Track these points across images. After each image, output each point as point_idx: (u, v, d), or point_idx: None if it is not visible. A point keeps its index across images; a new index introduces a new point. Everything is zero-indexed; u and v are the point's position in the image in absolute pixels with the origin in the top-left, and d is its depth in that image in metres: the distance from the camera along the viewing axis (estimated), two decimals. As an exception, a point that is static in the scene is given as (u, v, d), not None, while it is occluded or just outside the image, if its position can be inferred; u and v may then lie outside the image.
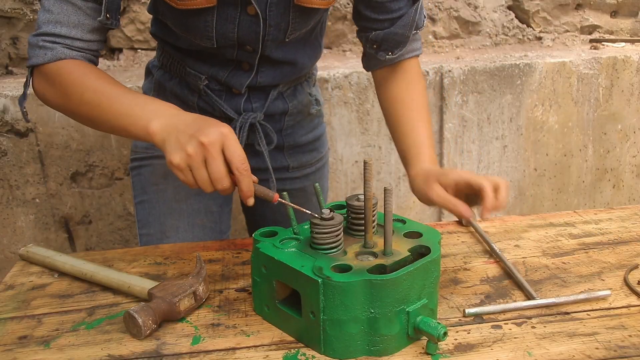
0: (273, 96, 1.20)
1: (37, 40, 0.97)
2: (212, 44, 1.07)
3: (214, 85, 1.17)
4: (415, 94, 1.17)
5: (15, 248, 2.05)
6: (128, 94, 0.93)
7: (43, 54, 0.97)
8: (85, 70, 0.97)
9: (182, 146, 0.83)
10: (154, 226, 1.24)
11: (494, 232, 1.12)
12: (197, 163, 0.82)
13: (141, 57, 2.28)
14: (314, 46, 1.22)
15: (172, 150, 0.84)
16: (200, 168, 0.82)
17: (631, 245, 1.05)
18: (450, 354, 0.76)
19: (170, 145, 0.84)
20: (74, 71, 0.96)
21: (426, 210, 2.30)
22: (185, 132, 0.84)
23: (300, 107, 1.27)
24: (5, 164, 1.95)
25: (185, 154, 0.82)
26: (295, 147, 1.32)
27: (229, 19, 1.04)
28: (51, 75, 0.97)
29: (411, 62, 1.19)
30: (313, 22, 1.12)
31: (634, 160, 2.42)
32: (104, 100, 0.92)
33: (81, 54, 0.99)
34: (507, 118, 2.23)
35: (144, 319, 0.80)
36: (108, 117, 0.92)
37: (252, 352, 0.78)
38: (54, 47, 0.96)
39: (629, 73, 2.28)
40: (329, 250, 0.81)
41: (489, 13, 2.50)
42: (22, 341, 0.83)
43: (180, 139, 0.83)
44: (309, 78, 1.30)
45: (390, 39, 1.13)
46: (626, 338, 0.79)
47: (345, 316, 0.74)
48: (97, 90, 0.94)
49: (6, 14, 2.08)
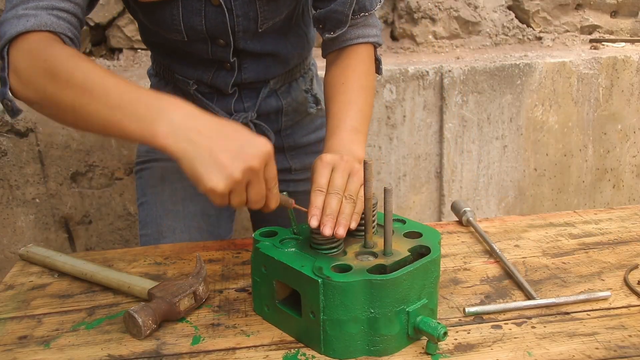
0: (264, 94, 1.18)
1: (15, 12, 0.83)
2: (182, 37, 1.04)
3: (203, 88, 1.16)
4: (351, 75, 1.07)
5: (15, 248, 2.05)
6: (128, 83, 0.79)
7: (25, 22, 0.82)
8: (78, 53, 0.84)
9: (225, 171, 0.72)
10: (152, 227, 1.24)
11: (494, 232, 1.12)
12: (241, 188, 0.74)
13: (141, 57, 2.28)
14: (298, 35, 1.17)
15: (213, 175, 0.72)
16: (242, 192, 0.75)
17: (631, 245, 1.05)
18: (450, 354, 0.76)
19: (207, 167, 0.72)
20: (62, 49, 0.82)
21: (426, 210, 2.30)
22: (224, 150, 0.73)
23: (295, 105, 1.25)
24: (5, 164, 1.95)
25: (231, 181, 0.72)
26: (297, 148, 1.30)
27: (194, 11, 1.01)
28: (37, 48, 0.82)
29: (359, 48, 1.10)
30: (287, 10, 1.08)
31: (634, 160, 2.42)
32: (96, 85, 0.77)
33: (68, 25, 0.85)
34: (507, 118, 2.23)
35: (144, 319, 0.80)
36: (99, 106, 0.77)
37: (252, 352, 0.78)
38: (37, 14, 0.83)
39: (629, 73, 2.28)
40: (329, 250, 0.81)
41: (489, 13, 2.50)
42: (22, 341, 0.83)
43: (221, 159, 0.72)
44: (305, 74, 1.26)
45: (330, 17, 1.07)
46: (626, 338, 0.79)
47: (345, 316, 0.74)
48: (90, 72, 0.78)
49: (6, 14, 2.08)
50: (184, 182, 1.21)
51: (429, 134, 2.20)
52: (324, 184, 0.84)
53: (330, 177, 0.84)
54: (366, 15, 1.09)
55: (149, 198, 1.25)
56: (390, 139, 2.16)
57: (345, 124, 1.00)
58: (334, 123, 1.02)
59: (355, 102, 1.04)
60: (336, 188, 0.83)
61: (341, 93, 1.05)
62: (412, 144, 2.19)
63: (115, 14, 2.21)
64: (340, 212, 0.81)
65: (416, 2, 2.41)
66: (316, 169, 0.86)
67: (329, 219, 0.79)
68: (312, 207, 0.81)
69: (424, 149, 2.21)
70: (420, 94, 2.14)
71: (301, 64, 1.25)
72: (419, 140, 2.20)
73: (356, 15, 1.08)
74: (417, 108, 2.15)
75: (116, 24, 2.23)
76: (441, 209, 2.30)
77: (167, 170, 1.23)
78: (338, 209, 0.81)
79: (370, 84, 1.10)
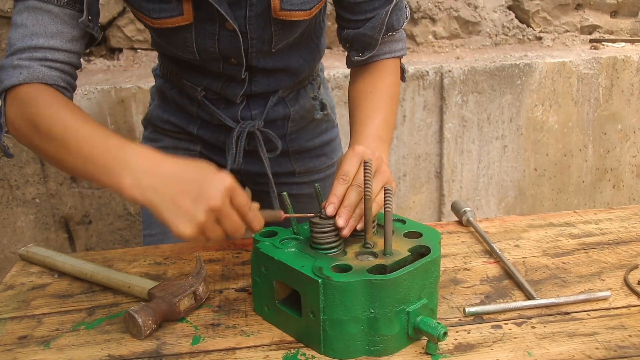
0: (272, 102, 1.17)
1: (11, 61, 0.88)
2: (194, 57, 1.04)
3: (211, 95, 1.15)
4: (379, 85, 1.09)
5: (15, 248, 2.05)
6: (99, 134, 0.82)
7: (18, 74, 0.87)
8: (61, 102, 0.88)
9: (189, 216, 0.75)
10: (156, 227, 1.24)
11: (494, 232, 1.12)
12: (210, 226, 0.77)
13: (141, 57, 2.28)
14: (310, 47, 1.18)
15: (178, 221, 0.76)
16: (214, 229, 0.77)
17: (631, 245, 1.05)
18: (450, 354, 0.76)
19: (172, 214, 0.76)
20: (48, 101, 0.87)
21: (426, 210, 2.30)
22: (184, 195, 0.76)
23: (303, 112, 1.23)
24: (5, 164, 1.95)
25: (196, 224, 0.75)
26: (302, 152, 1.28)
27: (208, 35, 1.01)
28: (24, 101, 0.87)
29: (386, 62, 1.12)
30: (300, 30, 1.08)
31: (634, 160, 2.42)
32: (71, 139, 0.82)
33: (60, 75, 0.90)
34: (507, 118, 2.23)
35: (144, 319, 0.80)
36: (75, 160, 0.82)
37: (252, 352, 0.78)
38: (30, 65, 0.87)
39: (629, 73, 2.28)
40: (329, 250, 0.81)
41: (489, 13, 2.50)
42: (22, 341, 0.83)
43: (183, 205, 0.75)
44: (313, 81, 1.26)
45: (359, 40, 1.08)
46: (626, 338, 0.79)
47: (345, 316, 0.74)
48: (66, 126, 0.83)
49: (6, 14, 2.08)
50: None
51: (429, 134, 2.20)
52: (350, 173, 0.85)
53: (357, 169, 0.85)
54: (394, 34, 1.10)
55: None
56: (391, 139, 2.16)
57: (371, 130, 1.01)
58: (359, 129, 1.02)
59: (381, 110, 1.05)
60: (360, 181, 0.83)
61: (368, 100, 1.06)
62: (412, 144, 2.19)
63: (115, 14, 2.21)
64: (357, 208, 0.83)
65: (416, 2, 2.41)
66: (346, 156, 0.87)
67: (346, 210, 0.82)
68: (332, 195, 0.82)
69: (424, 149, 2.21)
70: (420, 94, 2.14)
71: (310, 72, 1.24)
72: (419, 140, 2.20)
73: (384, 36, 1.08)
74: (417, 108, 2.16)
75: (116, 24, 2.23)
76: (441, 209, 2.30)
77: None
78: (357, 204, 0.83)
79: (396, 94, 1.11)
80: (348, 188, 0.84)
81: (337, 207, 0.82)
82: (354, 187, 0.83)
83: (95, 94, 1.93)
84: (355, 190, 0.83)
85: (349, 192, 0.83)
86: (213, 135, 1.21)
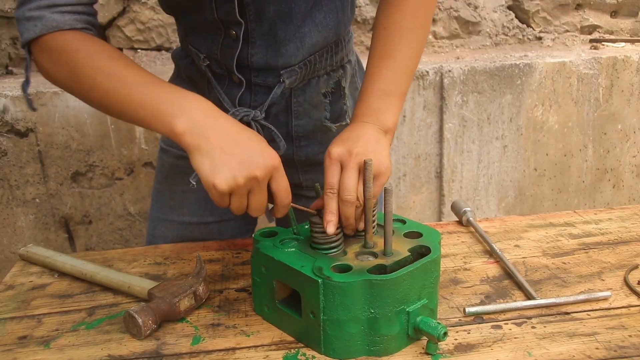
0: (277, 93, 1.03)
1: (22, 12, 0.84)
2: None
3: (215, 66, 1.05)
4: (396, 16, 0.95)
5: (15, 248, 2.05)
6: (147, 80, 0.82)
7: (33, 26, 0.84)
8: (95, 47, 0.85)
9: (230, 172, 0.75)
10: (150, 226, 1.24)
11: (494, 232, 1.12)
12: (242, 193, 0.77)
13: (141, 57, 2.28)
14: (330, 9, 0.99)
15: (218, 172, 0.75)
16: (242, 198, 0.77)
17: (631, 245, 1.05)
18: (450, 354, 0.76)
19: (215, 164, 0.75)
20: (81, 48, 0.84)
21: (426, 210, 2.30)
22: (233, 154, 0.76)
23: (307, 107, 1.08)
24: (5, 164, 1.95)
25: (232, 184, 0.75)
26: (311, 164, 1.15)
27: None
28: (55, 52, 0.84)
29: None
30: None
31: (634, 160, 2.42)
32: (120, 87, 0.81)
33: (74, 17, 0.85)
34: (507, 118, 2.23)
35: (144, 319, 0.80)
36: (125, 107, 0.81)
37: (252, 352, 0.78)
38: (42, 15, 0.83)
39: (629, 73, 2.28)
40: (329, 250, 0.81)
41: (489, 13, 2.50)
42: (22, 341, 0.83)
43: (229, 162, 0.75)
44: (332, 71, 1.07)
45: None
46: (626, 338, 0.79)
47: (345, 316, 0.74)
48: (111, 75, 0.82)
49: (6, 14, 2.08)
50: (184, 186, 1.19)
51: (429, 134, 2.20)
52: (335, 184, 0.84)
53: (340, 177, 0.84)
54: None
55: (154, 193, 1.24)
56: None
57: (375, 86, 0.93)
58: (365, 82, 0.95)
59: (392, 55, 0.93)
60: (348, 191, 0.82)
61: (380, 42, 0.95)
62: (412, 144, 2.19)
63: (115, 14, 2.21)
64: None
65: (416, 2, 2.41)
66: (325, 166, 0.86)
67: (348, 224, 0.84)
68: (327, 213, 0.82)
69: (424, 149, 2.21)
70: (420, 94, 2.14)
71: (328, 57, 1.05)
72: (419, 140, 2.20)
73: None
74: (417, 108, 2.16)
75: (116, 24, 2.23)
76: (441, 209, 2.30)
77: (173, 169, 1.20)
78: (354, 214, 0.83)
79: (417, 26, 0.95)
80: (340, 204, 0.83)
81: (336, 223, 0.81)
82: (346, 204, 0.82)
83: (95, 94, 1.93)
84: (348, 206, 0.82)
85: (343, 209, 0.82)
86: None
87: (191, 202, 1.20)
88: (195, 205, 1.20)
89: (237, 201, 0.78)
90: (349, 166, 0.84)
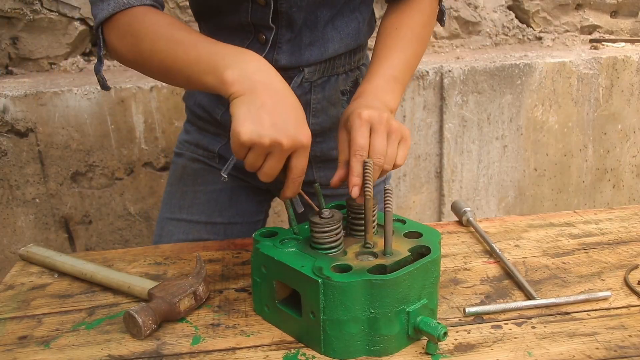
0: (296, 83, 1.07)
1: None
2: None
3: None
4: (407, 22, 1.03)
5: (15, 248, 2.05)
6: (204, 40, 0.85)
7: (107, 6, 0.89)
8: (157, 18, 0.89)
9: (260, 129, 0.75)
10: (157, 227, 1.25)
11: (494, 232, 1.12)
12: (260, 152, 0.76)
13: (141, 57, 2.28)
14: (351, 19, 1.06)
15: (248, 122, 0.75)
16: (259, 157, 0.77)
17: (631, 245, 1.05)
18: (450, 354, 0.76)
19: (249, 114, 0.75)
20: (144, 20, 0.88)
21: (426, 210, 2.30)
22: (270, 114, 0.76)
23: (326, 104, 1.11)
24: (5, 164, 1.95)
25: (258, 139, 0.75)
26: (325, 160, 1.17)
27: None
28: (121, 28, 0.90)
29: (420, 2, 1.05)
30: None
31: (634, 160, 2.42)
32: (177, 48, 0.84)
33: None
34: (507, 118, 2.23)
35: (144, 319, 0.80)
36: (182, 65, 0.83)
37: (252, 352, 0.78)
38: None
39: (629, 73, 2.28)
40: (329, 250, 0.81)
41: (489, 13, 2.50)
42: (22, 341, 0.83)
43: (263, 119, 0.75)
44: (349, 71, 1.13)
45: None
46: (626, 338, 0.79)
47: (345, 316, 0.74)
48: (170, 39, 0.85)
49: (6, 14, 2.08)
50: (196, 186, 1.21)
51: (429, 134, 2.20)
52: (365, 146, 0.83)
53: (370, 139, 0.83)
54: None
55: (165, 196, 1.25)
56: (390, 139, 2.16)
57: (385, 70, 0.97)
58: (374, 67, 0.98)
59: (403, 50, 1.00)
60: (377, 153, 0.82)
61: (391, 38, 1.01)
62: (412, 144, 2.20)
63: (115, 14, 2.21)
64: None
65: (416, 2, 2.41)
66: (354, 126, 0.84)
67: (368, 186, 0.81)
68: (353, 176, 0.81)
69: (424, 149, 2.21)
70: (420, 94, 2.14)
71: (347, 56, 1.11)
72: (419, 140, 2.20)
73: None
74: (417, 108, 2.16)
75: (116, 24, 2.23)
76: (441, 209, 2.30)
77: (186, 170, 1.21)
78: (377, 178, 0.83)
79: (425, 36, 1.05)
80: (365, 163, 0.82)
81: (360, 187, 0.81)
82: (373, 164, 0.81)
83: (95, 94, 1.93)
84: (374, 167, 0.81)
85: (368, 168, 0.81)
86: None
87: (201, 202, 1.21)
88: (205, 206, 1.21)
89: (253, 158, 0.77)
90: (379, 130, 0.84)
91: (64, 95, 1.91)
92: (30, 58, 2.19)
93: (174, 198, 1.23)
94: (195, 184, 1.21)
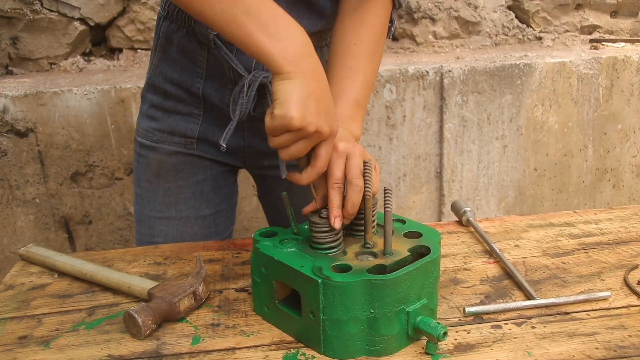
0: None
1: None
2: None
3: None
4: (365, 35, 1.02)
5: (15, 248, 2.05)
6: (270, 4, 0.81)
7: None
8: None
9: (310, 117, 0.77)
10: (145, 227, 1.23)
11: (494, 232, 1.12)
12: (299, 136, 0.78)
13: (141, 57, 2.28)
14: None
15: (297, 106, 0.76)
16: (293, 139, 0.79)
17: (631, 245, 1.05)
18: (450, 354, 0.76)
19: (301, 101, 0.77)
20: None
21: (426, 210, 2.30)
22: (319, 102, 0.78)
23: None
24: (5, 164, 1.95)
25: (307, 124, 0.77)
26: None
27: None
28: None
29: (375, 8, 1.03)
30: None
31: (634, 160, 2.42)
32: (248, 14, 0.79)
33: None
34: (507, 118, 2.23)
35: (144, 319, 0.80)
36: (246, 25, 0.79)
37: (252, 352, 0.78)
38: None
39: (629, 73, 2.28)
40: (329, 250, 0.81)
41: (489, 13, 2.50)
42: (22, 341, 0.83)
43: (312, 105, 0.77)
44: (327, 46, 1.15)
45: None
46: (626, 338, 0.79)
47: (345, 316, 0.74)
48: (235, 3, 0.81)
49: (6, 14, 2.08)
50: (178, 181, 1.19)
51: (429, 134, 2.20)
52: (342, 178, 0.85)
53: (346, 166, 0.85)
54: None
55: (143, 192, 1.23)
56: (390, 139, 2.17)
57: (349, 95, 0.98)
58: (336, 91, 0.98)
59: (363, 70, 1.01)
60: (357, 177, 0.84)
61: (351, 57, 1.01)
62: (412, 144, 2.20)
63: (115, 14, 2.21)
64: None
65: (416, 2, 2.41)
66: (332, 160, 0.86)
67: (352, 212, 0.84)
68: (334, 208, 0.82)
69: (424, 149, 2.21)
70: (420, 94, 2.14)
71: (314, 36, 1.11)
72: (419, 140, 2.20)
73: None
74: (417, 108, 2.16)
75: (116, 24, 2.24)
76: (441, 209, 2.30)
77: (163, 166, 1.19)
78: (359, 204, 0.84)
79: (380, 48, 1.05)
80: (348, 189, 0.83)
81: (342, 218, 0.82)
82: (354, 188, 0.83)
83: (95, 94, 1.93)
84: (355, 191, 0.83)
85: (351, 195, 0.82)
86: (218, 93, 1.13)
87: (187, 197, 1.21)
88: (192, 200, 1.21)
89: (288, 139, 0.79)
90: (355, 155, 0.86)
91: (64, 95, 1.91)
92: (30, 58, 2.20)
93: (157, 195, 1.21)
94: (177, 179, 1.19)
